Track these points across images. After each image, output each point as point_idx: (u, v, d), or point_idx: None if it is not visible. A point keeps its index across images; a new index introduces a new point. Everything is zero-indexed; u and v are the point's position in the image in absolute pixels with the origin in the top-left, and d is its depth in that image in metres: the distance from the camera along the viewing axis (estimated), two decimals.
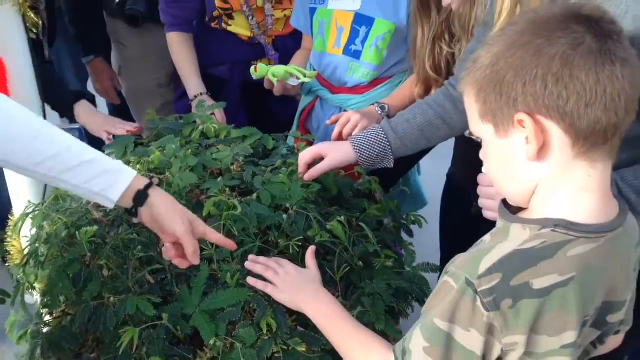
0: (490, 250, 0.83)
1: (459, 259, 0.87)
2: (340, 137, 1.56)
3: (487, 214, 1.16)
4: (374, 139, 1.37)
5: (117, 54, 2.54)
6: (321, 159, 1.38)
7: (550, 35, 0.76)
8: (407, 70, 1.86)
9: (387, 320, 1.19)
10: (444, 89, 1.42)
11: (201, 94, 2.00)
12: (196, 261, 1.10)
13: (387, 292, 1.23)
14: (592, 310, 0.85)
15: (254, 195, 1.31)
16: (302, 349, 1.11)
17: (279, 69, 1.79)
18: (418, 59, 1.67)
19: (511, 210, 0.91)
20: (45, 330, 1.22)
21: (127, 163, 1.37)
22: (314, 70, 1.93)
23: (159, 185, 1.11)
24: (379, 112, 1.68)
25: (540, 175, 0.82)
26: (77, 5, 2.45)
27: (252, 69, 1.84)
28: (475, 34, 1.37)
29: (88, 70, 2.66)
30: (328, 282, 1.24)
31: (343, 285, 1.24)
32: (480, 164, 1.45)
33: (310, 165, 1.39)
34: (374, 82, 1.87)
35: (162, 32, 2.22)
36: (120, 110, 2.71)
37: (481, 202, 1.17)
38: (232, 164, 1.38)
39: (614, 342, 1.04)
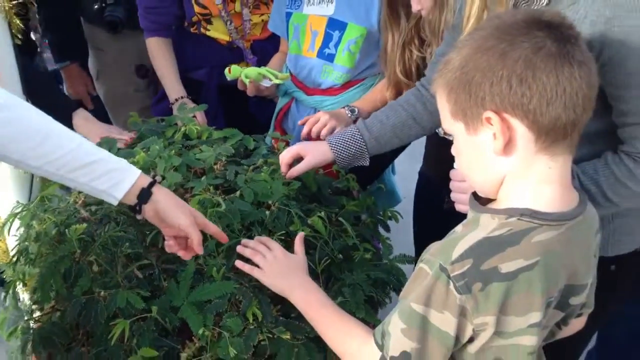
0: (462, 238, 0.89)
1: (433, 247, 0.93)
2: (309, 136, 1.62)
3: (460, 207, 1.23)
4: (350, 139, 1.44)
5: (94, 59, 2.56)
6: (301, 158, 1.44)
7: (514, 40, 0.83)
8: (380, 73, 1.93)
9: (366, 309, 1.25)
10: (414, 90, 1.48)
11: (182, 97, 2.05)
12: (201, 251, 1.17)
13: (366, 282, 1.29)
14: (556, 292, 0.91)
15: (237, 193, 1.36)
16: (286, 336, 1.16)
17: (252, 71, 1.85)
18: (389, 63, 1.72)
19: (481, 202, 0.97)
20: (35, 326, 1.25)
21: None
22: (289, 72, 1.99)
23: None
24: (349, 114, 1.75)
25: (507, 168, 0.89)
26: (54, 11, 2.47)
27: (226, 70, 1.89)
28: (445, 38, 1.44)
29: (62, 76, 2.68)
30: (310, 275, 1.30)
31: (324, 277, 1.30)
32: (450, 161, 1.52)
33: (291, 165, 1.44)
34: (347, 84, 1.93)
35: (141, 38, 2.26)
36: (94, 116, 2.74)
37: (453, 196, 1.24)
38: (215, 163, 1.43)
39: (577, 324, 1.11)
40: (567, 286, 0.94)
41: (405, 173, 2.36)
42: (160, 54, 2.14)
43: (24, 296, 1.28)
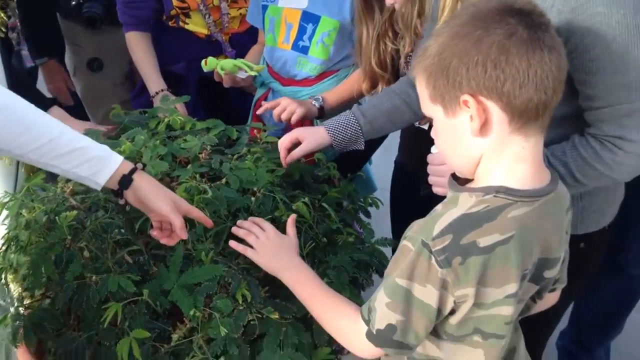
0: (442, 216, 0.94)
1: (416, 225, 0.98)
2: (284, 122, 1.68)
3: (437, 190, 1.28)
4: (346, 123, 1.48)
5: (72, 55, 2.56)
6: (298, 143, 1.48)
7: (488, 27, 0.88)
8: (354, 65, 1.97)
9: (350, 289, 1.30)
10: (406, 77, 1.53)
11: (162, 90, 2.07)
12: (184, 235, 1.20)
13: (350, 264, 1.33)
14: (530, 264, 0.97)
15: (223, 181, 1.39)
16: (275, 316, 1.20)
17: (227, 63, 1.88)
18: (364, 56, 1.76)
19: (459, 182, 1.02)
20: (25, 313, 1.27)
21: None
22: (266, 63, 2.02)
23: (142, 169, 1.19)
24: (314, 103, 1.80)
25: (483, 149, 0.94)
26: (30, 8, 2.47)
27: (202, 62, 1.92)
28: (425, 29, 1.49)
29: (41, 72, 2.68)
30: None
31: (309, 260, 1.33)
32: (424, 149, 1.59)
33: (290, 149, 1.50)
34: (322, 75, 1.98)
35: (118, 33, 2.27)
36: (73, 112, 2.74)
37: (431, 179, 1.28)
38: (200, 152, 1.46)
39: (551, 298, 1.17)
40: (540, 259, 0.99)
41: (380, 165, 2.41)
42: (139, 47, 2.16)
43: (13, 286, 1.30)
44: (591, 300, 1.91)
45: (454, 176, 1.04)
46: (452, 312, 0.96)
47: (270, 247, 1.21)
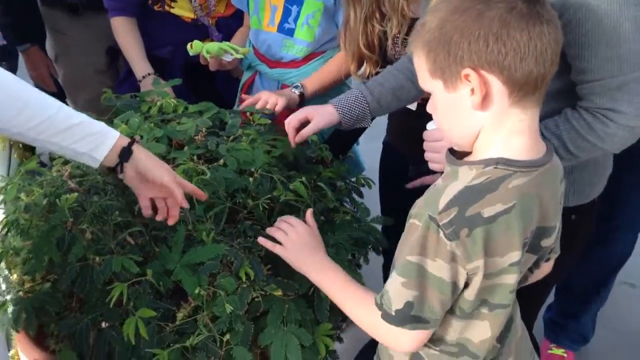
0: (445, 190, 0.96)
1: (419, 202, 0.99)
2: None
3: (434, 166, 1.30)
4: (354, 100, 1.50)
5: (53, 42, 2.53)
6: (306, 122, 1.50)
7: (489, 1, 0.89)
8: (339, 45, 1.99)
9: (350, 266, 1.32)
10: (408, 56, 1.55)
11: (149, 74, 2.06)
12: (186, 204, 1.22)
13: (348, 242, 1.35)
14: (529, 232, 1.00)
15: (221, 162, 1.40)
16: (278, 293, 1.22)
17: (213, 46, 1.88)
18: (351, 37, 1.76)
19: (456, 156, 1.04)
20: (25, 297, 1.27)
21: None
22: (252, 46, 2.03)
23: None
24: (294, 90, 1.82)
25: (483, 122, 0.96)
26: None
27: (188, 45, 1.91)
28: (422, 7, 1.50)
29: (23, 59, 2.64)
30: None
31: None
32: (412, 130, 1.60)
33: (298, 129, 1.52)
34: (309, 57, 1.98)
35: (101, 19, 2.26)
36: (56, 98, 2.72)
37: (427, 155, 1.31)
38: (196, 134, 1.46)
39: (546, 267, 1.20)
40: (538, 228, 1.02)
41: (366, 149, 2.44)
42: (125, 32, 2.14)
43: (13, 270, 1.29)
44: (580, 270, 1.96)
45: (451, 151, 1.06)
46: (466, 286, 0.97)
47: (298, 244, 1.19)
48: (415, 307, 0.96)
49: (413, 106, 1.75)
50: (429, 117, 1.70)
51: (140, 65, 2.10)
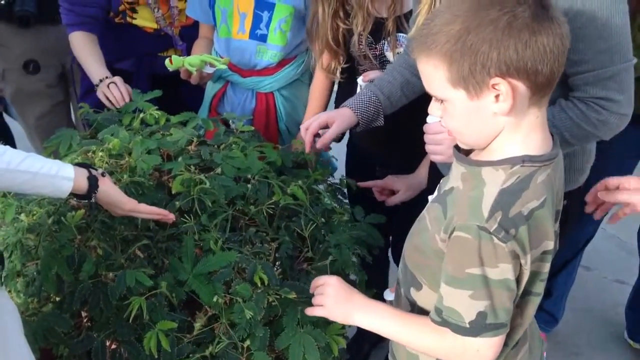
0: (481, 197, 0.96)
1: (457, 215, 0.98)
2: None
3: (436, 158, 1.35)
4: (368, 100, 1.52)
5: None
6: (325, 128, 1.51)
7: (513, 9, 0.89)
8: (308, 49, 2.02)
9: (354, 265, 1.36)
10: (406, 54, 1.58)
11: (106, 77, 1.99)
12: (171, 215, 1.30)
13: (350, 242, 1.39)
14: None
15: (218, 170, 1.41)
16: (292, 296, 1.24)
17: (195, 59, 1.87)
18: (320, 33, 1.77)
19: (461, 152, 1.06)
20: (31, 320, 1.24)
21: (79, 154, 1.42)
22: (221, 57, 2.03)
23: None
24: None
25: (502, 126, 0.97)
26: None
27: (167, 61, 1.89)
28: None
29: None
30: (298, 239, 1.39)
31: (311, 241, 1.38)
32: (378, 130, 1.64)
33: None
34: (282, 63, 2.01)
35: (51, 32, 2.20)
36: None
37: (428, 147, 1.35)
38: (190, 144, 1.46)
39: None
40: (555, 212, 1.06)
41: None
42: (83, 45, 2.09)
43: (15, 294, 1.26)
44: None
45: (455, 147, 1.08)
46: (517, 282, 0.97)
47: (335, 297, 1.13)
48: (489, 315, 0.96)
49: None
50: (397, 119, 1.77)
51: (97, 70, 2.03)
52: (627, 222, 1.38)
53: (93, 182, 1.17)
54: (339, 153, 2.07)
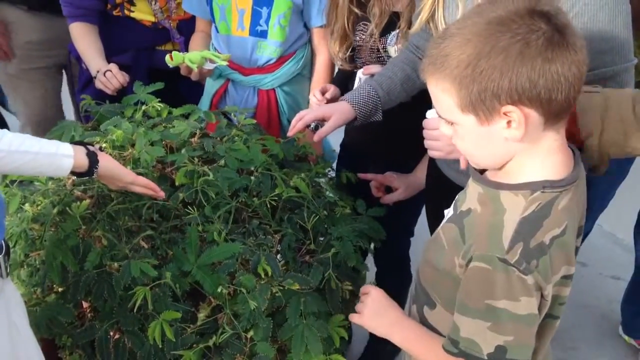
0: (502, 227, 0.93)
1: (475, 244, 0.96)
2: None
3: (433, 153, 1.35)
4: (367, 95, 1.52)
5: None
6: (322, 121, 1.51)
7: (526, 37, 0.85)
8: (307, 43, 2.03)
9: (356, 257, 1.37)
10: (408, 50, 1.59)
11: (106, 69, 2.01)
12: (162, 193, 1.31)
13: (352, 234, 1.40)
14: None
15: (222, 162, 1.41)
16: (295, 287, 1.25)
17: (195, 55, 1.86)
18: (339, 17, 1.76)
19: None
20: (35, 309, 1.24)
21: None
22: (220, 53, 2.02)
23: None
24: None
25: (515, 150, 0.94)
26: None
27: (167, 57, 1.87)
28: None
29: None
30: (301, 232, 1.39)
31: (313, 233, 1.39)
32: (370, 131, 1.64)
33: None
34: (281, 60, 2.01)
35: (56, 22, 2.20)
36: None
37: (427, 143, 1.36)
38: (193, 136, 1.46)
39: None
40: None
41: None
42: (83, 36, 2.09)
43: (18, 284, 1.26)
44: None
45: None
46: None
47: (374, 308, 1.13)
48: (510, 351, 0.93)
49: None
50: (393, 117, 1.77)
51: (95, 62, 2.04)
52: (622, 219, 1.39)
53: (93, 158, 1.17)
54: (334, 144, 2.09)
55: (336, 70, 1.98)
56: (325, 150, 2.12)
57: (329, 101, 1.68)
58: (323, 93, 1.68)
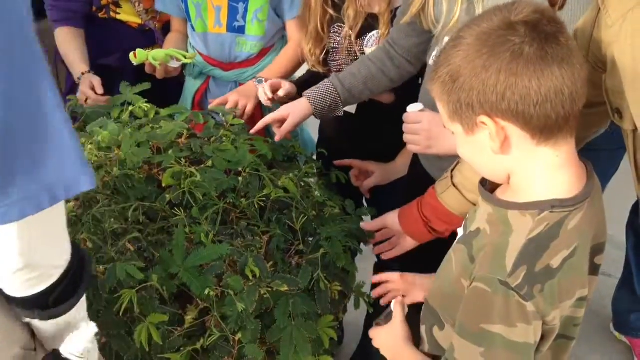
0: (507, 247, 0.90)
1: (478, 265, 0.94)
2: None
3: (413, 148, 1.37)
4: (325, 92, 1.54)
5: None
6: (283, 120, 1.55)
7: (494, 50, 0.85)
8: (284, 36, 2.04)
9: (346, 258, 1.36)
10: (382, 47, 1.59)
11: (88, 71, 2.01)
12: None
13: (341, 234, 1.39)
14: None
15: (209, 163, 1.40)
16: (284, 289, 1.23)
17: (159, 53, 1.86)
18: (313, 18, 1.76)
19: (487, 188, 1.02)
20: None
21: None
22: (196, 51, 2.02)
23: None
24: (256, 84, 1.83)
25: (510, 163, 0.92)
26: None
27: (131, 55, 1.87)
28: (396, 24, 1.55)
29: None
30: (289, 232, 1.38)
31: (302, 234, 1.38)
32: (344, 138, 1.64)
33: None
34: (262, 52, 2.02)
35: (42, 27, 2.17)
36: None
37: (406, 137, 1.36)
38: (180, 137, 1.45)
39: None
40: (592, 247, 0.97)
41: None
42: (68, 41, 2.09)
43: None
44: None
45: (481, 182, 1.03)
46: (542, 337, 0.93)
47: (387, 341, 1.20)
48: None
49: (352, 109, 1.79)
50: (368, 121, 1.77)
51: (78, 66, 2.04)
52: (613, 216, 1.39)
53: None
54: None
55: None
56: (305, 140, 2.11)
57: (282, 98, 1.70)
58: (275, 90, 1.68)
